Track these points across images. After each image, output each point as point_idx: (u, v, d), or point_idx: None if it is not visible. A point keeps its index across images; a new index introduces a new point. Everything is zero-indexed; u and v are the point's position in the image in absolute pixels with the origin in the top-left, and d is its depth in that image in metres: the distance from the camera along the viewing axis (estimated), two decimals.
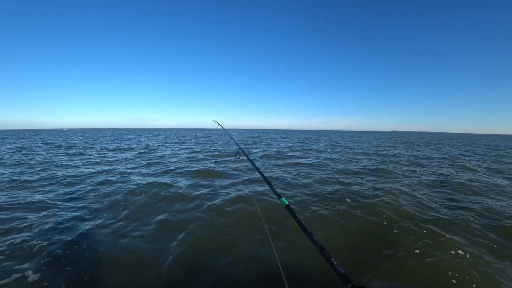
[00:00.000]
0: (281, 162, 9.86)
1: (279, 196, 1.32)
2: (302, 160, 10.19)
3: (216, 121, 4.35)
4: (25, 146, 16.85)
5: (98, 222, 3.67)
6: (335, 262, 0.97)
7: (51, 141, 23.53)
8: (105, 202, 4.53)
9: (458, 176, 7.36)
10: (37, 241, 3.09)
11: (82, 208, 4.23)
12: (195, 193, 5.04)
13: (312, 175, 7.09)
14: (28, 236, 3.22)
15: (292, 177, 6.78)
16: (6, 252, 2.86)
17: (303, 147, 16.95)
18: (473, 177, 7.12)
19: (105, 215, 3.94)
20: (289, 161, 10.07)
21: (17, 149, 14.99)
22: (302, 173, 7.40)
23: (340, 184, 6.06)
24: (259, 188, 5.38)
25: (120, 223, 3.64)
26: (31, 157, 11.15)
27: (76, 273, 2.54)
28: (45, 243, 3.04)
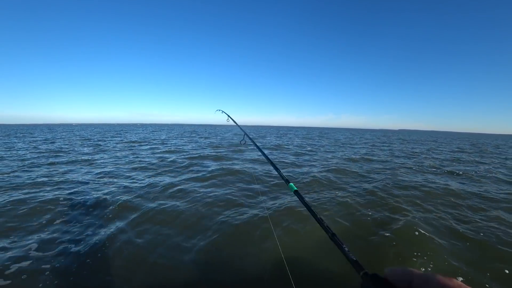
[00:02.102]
0: None
1: (287, 181, 1.26)
2: None
3: (221, 110, 4.10)
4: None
5: None
6: (346, 249, 0.92)
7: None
8: None
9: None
10: None
11: None
12: None
13: None
14: None
15: None
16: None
17: None
18: None
19: None
20: None
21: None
22: None
23: None
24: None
25: None
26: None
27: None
28: None
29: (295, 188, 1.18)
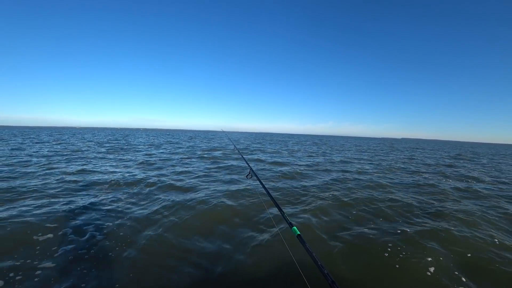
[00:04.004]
0: None
1: (291, 224, 1.35)
2: None
3: (224, 132, 4.40)
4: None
5: None
6: None
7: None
8: None
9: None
10: None
11: None
12: None
13: None
14: None
15: None
16: None
17: None
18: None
19: None
20: None
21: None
22: None
23: None
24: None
25: None
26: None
27: None
28: None
29: (298, 232, 1.27)
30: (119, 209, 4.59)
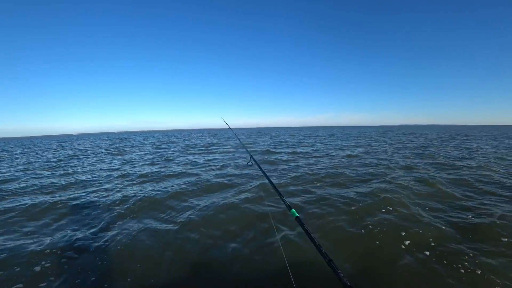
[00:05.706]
0: None
1: (289, 207, 1.36)
2: None
3: (224, 120, 4.61)
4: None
5: None
6: (341, 274, 1.02)
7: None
8: None
9: None
10: None
11: None
12: None
13: None
14: None
15: None
16: None
17: None
18: None
19: None
20: None
21: None
22: None
23: None
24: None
25: None
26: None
27: None
28: None
29: (297, 214, 1.28)
30: None
